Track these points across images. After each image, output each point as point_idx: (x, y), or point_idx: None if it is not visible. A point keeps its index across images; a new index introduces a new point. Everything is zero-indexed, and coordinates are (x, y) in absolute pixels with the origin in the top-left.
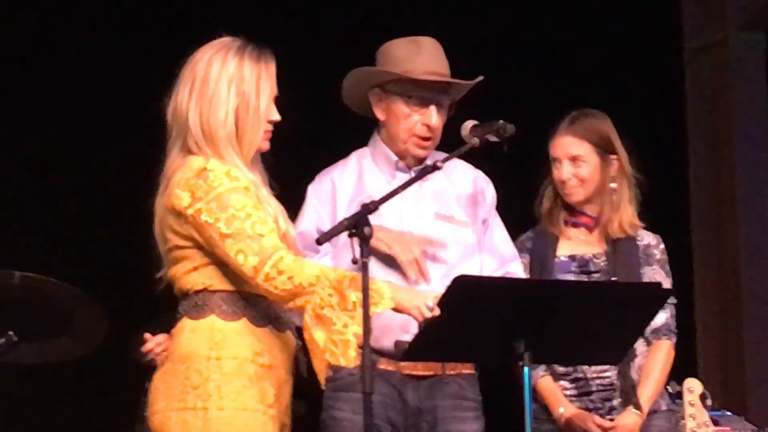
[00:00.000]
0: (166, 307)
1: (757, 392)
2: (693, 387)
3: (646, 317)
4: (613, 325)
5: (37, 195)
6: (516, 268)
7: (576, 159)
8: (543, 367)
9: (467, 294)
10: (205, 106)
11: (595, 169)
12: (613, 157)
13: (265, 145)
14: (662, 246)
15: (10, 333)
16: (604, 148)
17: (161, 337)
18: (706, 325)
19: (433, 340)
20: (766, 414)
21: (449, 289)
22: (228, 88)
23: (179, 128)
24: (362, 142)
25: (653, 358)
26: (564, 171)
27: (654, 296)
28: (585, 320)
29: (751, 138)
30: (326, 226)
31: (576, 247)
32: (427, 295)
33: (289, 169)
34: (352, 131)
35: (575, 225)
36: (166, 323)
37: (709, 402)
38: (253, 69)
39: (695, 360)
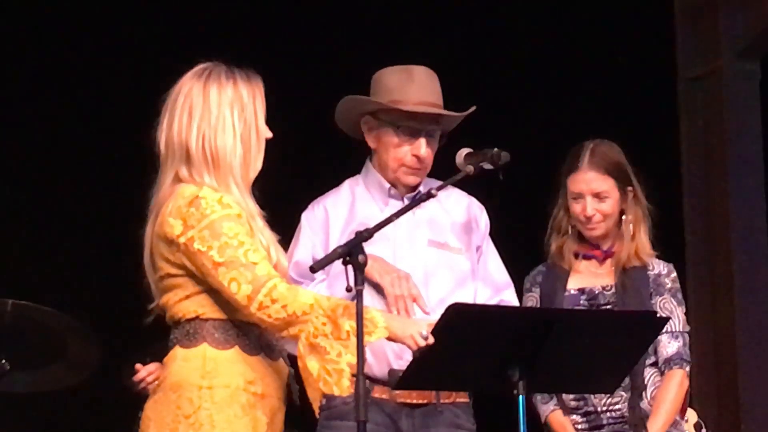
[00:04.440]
0: (159, 336)
1: (752, 421)
2: (688, 416)
3: (641, 346)
4: (608, 354)
5: (28, 223)
6: (510, 296)
7: (599, 195)
8: (554, 401)
9: (461, 322)
10: (209, 132)
11: (616, 203)
12: (629, 188)
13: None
14: (674, 275)
15: (3, 361)
16: (623, 181)
17: (153, 366)
18: (701, 353)
19: (428, 368)
20: None
21: (443, 316)
22: (231, 113)
23: (175, 156)
24: (355, 169)
25: (665, 388)
26: (588, 207)
27: (648, 325)
28: (579, 348)
29: (744, 167)
30: (320, 255)
31: (586, 279)
32: (420, 323)
33: (282, 196)
34: (345, 158)
35: (586, 257)
36: (158, 352)
37: (704, 431)
38: (249, 90)
39: (690, 389)
